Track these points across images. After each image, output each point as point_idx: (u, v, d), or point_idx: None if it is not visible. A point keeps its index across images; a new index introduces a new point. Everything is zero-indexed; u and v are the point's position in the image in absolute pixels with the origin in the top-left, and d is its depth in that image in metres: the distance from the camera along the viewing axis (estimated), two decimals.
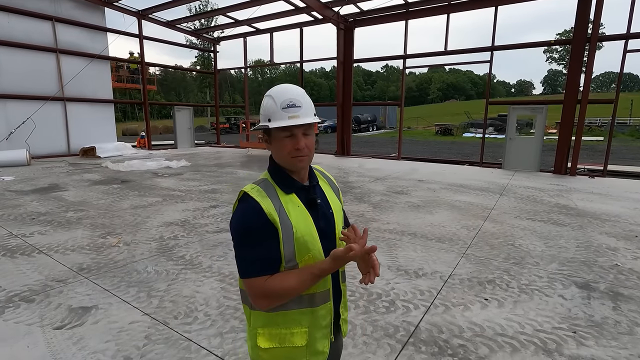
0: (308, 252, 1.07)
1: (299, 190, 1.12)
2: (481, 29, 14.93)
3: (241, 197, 1.07)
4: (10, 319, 2.58)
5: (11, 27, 11.21)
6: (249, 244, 1.02)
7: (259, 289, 1.02)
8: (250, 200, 1.04)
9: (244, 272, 1.04)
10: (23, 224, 4.79)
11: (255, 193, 1.05)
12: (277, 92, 1.08)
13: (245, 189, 1.07)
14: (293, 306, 1.08)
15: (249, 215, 1.02)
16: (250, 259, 1.02)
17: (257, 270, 1.02)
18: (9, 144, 11.08)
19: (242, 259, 1.04)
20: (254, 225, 1.01)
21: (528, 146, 10.07)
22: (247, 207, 1.04)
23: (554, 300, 2.90)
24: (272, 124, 1.05)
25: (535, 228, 4.82)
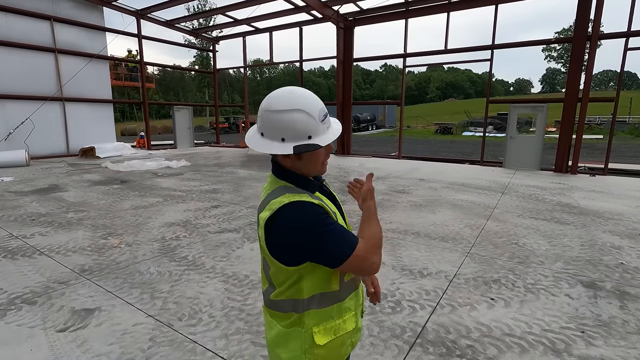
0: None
1: (317, 188, 1.11)
2: (479, 28, 14.89)
3: (282, 209, 0.96)
4: (13, 322, 2.55)
5: (9, 26, 11.15)
6: (330, 225, 0.96)
7: (369, 247, 0.99)
8: (298, 203, 0.96)
9: (349, 247, 0.96)
10: (23, 225, 4.76)
11: (296, 197, 0.98)
12: (306, 104, 0.96)
13: (280, 202, 0.97)
14: (345, 295, 1.10)
15: (311, 210, 0.96)
16: (343, 233, 0.97)
17: (354, 243, 0.97)
18: (7, 144, 11.03)
19: (336, 242, 0.95)
20: (320, 211, 0.96)
21: (529, 145, 10.06)
22: (301, 205, 0.96)
23: (560, 300, 2.88)
24: (318, 140, 0.98)
25: (539, 227, 4.81)
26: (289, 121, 0.95)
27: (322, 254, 0.96)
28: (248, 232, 4.55)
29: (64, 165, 10.46)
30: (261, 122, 0.99)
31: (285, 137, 0.96)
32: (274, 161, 1.08)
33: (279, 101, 0.96)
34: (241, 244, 4.14)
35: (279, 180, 1.07)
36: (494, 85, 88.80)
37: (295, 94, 0.97)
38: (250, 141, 1.03)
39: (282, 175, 1.07)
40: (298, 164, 1.03)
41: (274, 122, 0.96)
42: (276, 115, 0.95)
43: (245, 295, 2.94)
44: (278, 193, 1.01)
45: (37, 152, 11.68)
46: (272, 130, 0.97)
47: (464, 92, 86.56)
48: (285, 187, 1.04)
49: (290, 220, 0.96)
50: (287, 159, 1.02)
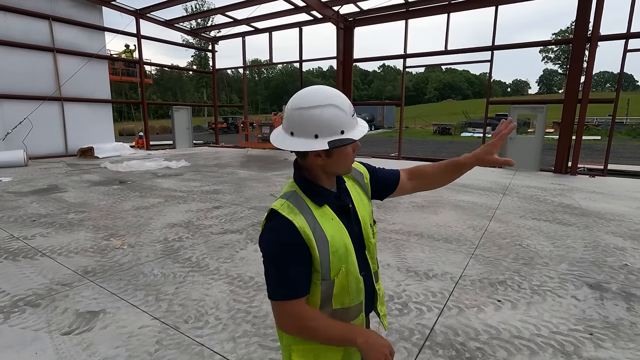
0: (341, 265, 1.02)
1: (331, 199, 1.06)
2: (477, 29, 14.92)
3: (270, 215, 1.00)
4: (17, 325, 2.52)
5: (7, 26, 11.08)
6: (281, 265, 0.95)
7: (287, 313, 0.98)
8: (282, 219, 0.96)
9: (272, 294, 0.98)
10: (24, 226, 4.72)
11: (286, 210, 0.98)
12: (337, 99, 0.96)
13: (274, 206, 0.99)
14: None
15: (282, 234, 0.96)
16: (281, 281, 0.96)
17: (286, 293, 0.96)
18: (5, 144, 10.96)
19: (272, 280, 0.98)
20: (287, 245, 0.95)
21: (528, 146, 10.09)
22: (279, 225, 0.96)
23: (567, 302, 2.88)
24: (351, 134, 0.96)
25: (542, 228, 4.81)
26: (322, 116, 0.93)
27: (266, 279, 1.00)
28: (251, 233, 4.53)
29: (63, 166, 10.39)
30: (291, 121, 0.97)
31: (319, 133, 0.94)
32: (296, 163, 1.06)
33: (311, 98, 0.95)
34: (245, 245, 4.12)
35: (294, 184, 1.06)
36: (491, 86, 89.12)
37: (326, 90, 0.97)
38: (280, 142, 0.99)
39: (298, 181, 1.06)
40: (329, 162, 1.00)
41: (306, 119, 0.94)
42: (309, 112, 0.94)
43: (251, 297, 2.92)
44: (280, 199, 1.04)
45: (36, 152, 11.61)
46: (304, 127, 0.95)
47: (462, 92, 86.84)
48: (294, 192, 1.03)
49: (266, 231, 1.00)
50: (318, 157, 0.98)
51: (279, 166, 10.64)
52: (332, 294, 1.02)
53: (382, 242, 4.24)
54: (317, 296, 1.01)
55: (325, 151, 0.97)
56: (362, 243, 1.14)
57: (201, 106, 43.19)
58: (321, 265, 0.97)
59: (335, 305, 1.04)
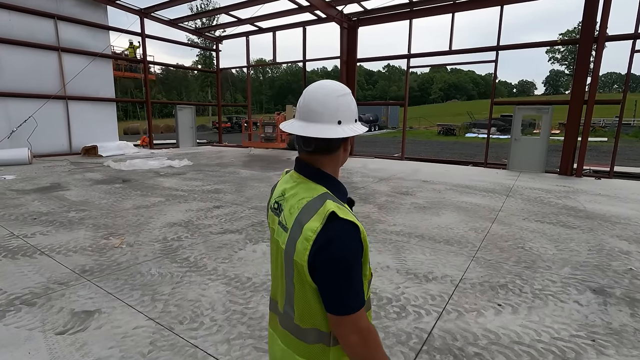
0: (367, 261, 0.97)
1: (346, 195, 1.05)
2: (482, 28, 14.81)
3: (330, 219, 0.88)
4: (11, 324, 2.50)
5: (13, 25, 11.15)
6: (355, 276, 0.88)
7: (363, 323, 0.89)
8: (345, 223, 0.88)
9: (354, 306, 0.87)
10: (25, 224, 4.73)
11: (342, 212, 0.89)
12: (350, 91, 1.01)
13: (331, 207, 0.88)
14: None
15: (352, 240, 0.88)
16: (358, 290, 0.89)
17: (360, 303, 0.89)
18: (10, 142, 11.03)
19: (351, 291, 0.87)
20: (357, 252, 0.89)
21: (533, 147, 9.98)
22: (346, 229, 0.88)
23: (569, 307, 2.82)
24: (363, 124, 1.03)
25: (545, 230, 4.74)
26: (354, 102, 1.00)
27: (333, 291, 0.88)
28: (250, 233, 4.50)
29: (67, 164, 10.44)
30: (338, 110, 0.95)
31: (356, 117, 1.01)
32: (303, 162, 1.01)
33: (340, 86, 0.98)
34: (244, 245, 4.09)
35: (318, 185, 0.97)
36: (497, 87, 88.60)
37: (331, 81, 1.00)
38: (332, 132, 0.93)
39: (322, 179, 0.98)
40: (347, 152, 1.04)
41: (350, 105, 0.98)
42: (348, 98, 0.98)
43: (247, 299, 2.89)
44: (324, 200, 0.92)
45: (40, 151, 11.68)
46: (350, 113, 0.98)
47: (467, 93, 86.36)
48: (327, 193, 0.95)
49: (338, 239, 0.87)
50: (344, 151, 1.02)
51: (281, 166, 10.62)
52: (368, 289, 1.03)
53: (382, 243, 4.20)
54: (367, 296, 0.99)
55: (349, 140, 1.02)
56: None
57: (205, 105, 43.32)
58: (368, 266, 0.97)
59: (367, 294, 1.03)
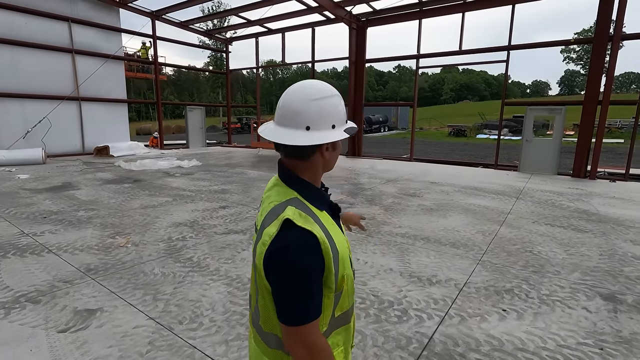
0: (344, 273, 0.95)
1: (327, 202, 1.01)
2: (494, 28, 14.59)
3: (285, 226, 0.86)
4: (16, 321, 2.55)
5: (29, 28, 11.43)
6: (306, 286, 0.84)
7: (311, 338, 0.85)
8: (301, 231, 0.85)
9: (298, 319, 0.84)
10: (35, 223, 4.82)
11: (301, 220, 0.86)
12: (337, 91, 0.96)
13: (288, 216, 0.86)
14: (332, 330, 0.98)
15: (305, 250, 0.84)
16: (307, 303, 0.85)
17: (313, 316, 0.86)
18: (26, 142, 11.30)
19: (297, 303, 0.84)
20: (310, 263, 0.84)
21: (545, 148, 9.77)
22: (300, 239, 0.84)
23: (577, 313, 2.73)
24: (351, 123, 0.97)
25: (555, 234, 4.62)
26: (338, 106, 0.94)
27: (280, 300, 0.86)
28: (254, 234, 4.50)
29: (79, 164, 10.65)
30: (306, 115, 0.89)
31: (336, 122, 0.93)
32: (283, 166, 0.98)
33: (321, 88, 0.92)
34: (247, 245, 4.09)
35: (289, 189, 0.94)
36: (510, 87, 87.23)
37: (321, 82, 0.96)
38: (296, 139, 0.89)
39: (295, 184, 0.95)
40: (332, 156, 0.97)
41: (326, 109, 0.91)
42: (326, 101, 0.91)
43: (247, 300, 2.88)
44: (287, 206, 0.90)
45: (54, 151, 11.94)
46: (324, 118, 0.90)
47: (479, 93, 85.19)
48: (296, 199, 0.92)
49: (286, 247, 0.85)
50: (327, 152, 0.94)
51: None
52: (338, 303, 0.97)
53: (386, 245, 4.15)
54: (329, 310, 0.94)
55: (332, 145, 0.95)
56: None
57: (215, 106, 43.75)
58: (334, 279, 0.90)
59: (337, 313, 0.99)
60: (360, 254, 3.87)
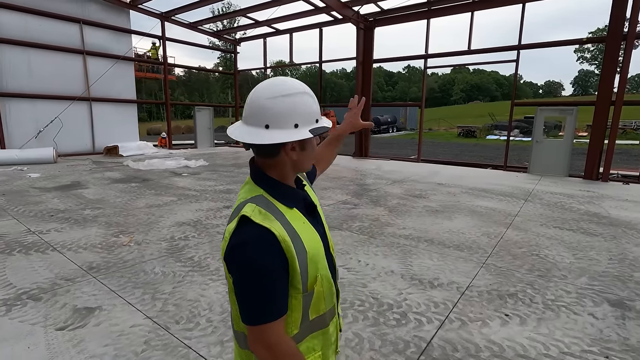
0: (317, 273, 0.93)
1: (299, 200, 0.98)
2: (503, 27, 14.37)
3: (241, 224, 0.85)
4: (16, 318, 2.57)
5: (42, 30, 11.66)
6: (262, 284, 0.82)
7: (271, 338, 0.83)
8: (257, 228, 0.83)
9: (255, 318, 0.83)
10: (42, 221, 4.90)
11: (260, 217, 0.85)
12: (307, 87, 0.92)
13: (246, 213, 0.85)
14: (305, 334, 0.95)
15: (260, 248, 0.82)
16: (264, 302, 0.83)
17: (274, 316, 0.83)
18: (38, 142, 11.53)
19: (253, 302, 0.83)
20: (267, 261, 0.82)
21: (556, 149, 9.57)
22: (256, 236, 0.83)
23: (583, 319, 2.65)
24: (324, 122, 0.93)
25: (563, 237, 4.51)
26: (303, 104, 0.89)
27: (238, 297, 0.86)
28: None
29: (89, 163, 10.81)
30: (265, 113, 0.87)
31: (300, 122, 0.89)
32: (254, 164, 0.97)
33: (286, 85, 0.89)
34: None
35: (257, 187, 0.94)
36: (521, 88, 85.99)
37: (292, 79, 0.93)
38: (255, 138, 0.87)
39: (263, 182, 0.94)
40: (302, 156, 0.93)
41: (287, 107, 0.87)
42: (288, 99, 0.87)
43: None
44: (247, 203, 0.90)
45: (65, 150, 12.14)
46: (284, 117, 0.87)
47: (490, 94, 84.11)
48: (261, 196, 0.91)
49: (240, 245, 0.84)
50: (293, 151, 0.91)
51: None
52: (310, 305, 0.94)
53: (388, 247, 4.10)
54: (299, 312, 0.91)
55: (299, 144, 0.92)
56: (326, 241, 1.06)
57: (224, 107, 44.07)
58: (301, 278, 0.88)
59: (312, 315, 0.95)
60: (362, 256, 3.83)
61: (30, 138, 11.48)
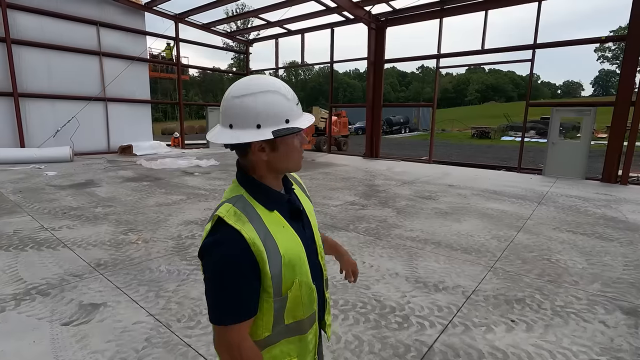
0: (295, 278, 0.92)
1: (282, 204, 0.96)
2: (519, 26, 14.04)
3: (215, 224, 0.85)
4: (24, 312, 2.64)
5: (61, 33, 11.98)
6: (228, 286, 0.82)
7: (232, 340, 0.84)
8: (229, 229, 0.83)
9: (217, 318, 0.84)
10: (55, 218, 5.02)
11: (233, 218, 0.84)
12: (280, 86, 0.88)
13: (220, 214, 0.85)
14: (279, 338, 0.94)
15: (229, 249, 0.82)
16: (228, 304, 0.83)
17: (236, 318, 0.83)
18: (55, 141, 11.85)
19: (217, 302, 0.84)
20: (234, 263, 0.82)
21: (573, 151, 9.31)
22: (225, 238, 0.83)
23: (593, 327, 2.56)
24: (297, 123, 0.88)
25: (577, 242, 4.37)
26: (265, 103, 0.85)
27: (206, 295, 0.86)
28: None
29: (103, 162, 11.05)
30: (229, 112, 0.87)
31: (262, 122, 0.85)
32: (238, 164, 0.97)
33: (250, 84, 0.87)
34: None
35: (239, 187, 0.94)
36: (539, 88, 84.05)
37: (267, 78, 0.90)
38: (217, 137, 0.88)
39: (244, 182, 0.93)
40: (275, 157, 0.90)
41: (247, 107, 0.85)
42: (250, 99, 0.85)
43: None
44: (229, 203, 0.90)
45: (81, 149, 12.45)
46: (245, 117, 0.85)
47: (506, 94, 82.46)
48: (241, 197, 0.91)
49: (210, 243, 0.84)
50: (262, 152, 0.89)
51: (305, 167, 10.62)
52: (285, 310, 0.92)
53: (394, 249, 4.05)
54: (270, 315, 0.90)
55: (269, 144, 0.88)
56: (314, 247, 1.05)
57: None
58: (272, 282, 0.87)
59: (288, 320, 0.94)
60: (367, 257, 3.79)
61: (49, 137, 11.81)
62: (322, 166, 10.87)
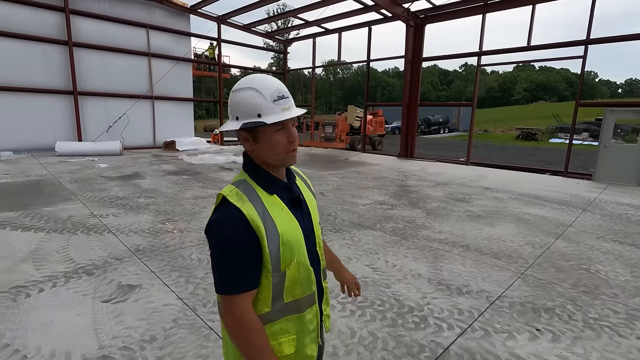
0: (292, 258, 1.00)
1: (281, 189, 1.05)
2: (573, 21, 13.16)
3: (220, 202, 0.97)
4: (72, 288, 2.93)
5: (115, 35, 12.94)
6: (230, 258, 0.92)
7: (235, 309, 0.94)
8: (230, 207, 0.94)
9: (222, 289, 0.94)
10: (103, 206, 5.47)
11: (235, 197, 0.95)
12: (260, 83, 0.97)
13: (224, 192, 0.97)
14: (279, 315, 1.02)
15: (230, 225, 0.92)
16: (230, 275, 0.92)
17: (238, 288, 0.93)
18: (108, 136, 12.84)
19: (221, 274, 0.93)
20: (235, 237, 0.92)
21: (628, 155, 8.58)
22: (227, 215, 0.93)
23: (629, 343, 2.39)
24: (267, 118, 0.95)
25: (622, 252, 4.06)
26: (242, 99, 0.97)
27: (213, 271, 0.96)
28: None
29: (149, 156, 11.80)
30: (228, 105, 1.02)
31: (239, 115, 0.98)
32: (245, 153, 1.08)
33: (242, 82, 1.00)
34: None
35: (244, 172, 1.06)
36: (596, 86, 77.84)
37: (257, 76, 1.01)
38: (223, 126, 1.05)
39: (247, 167, 1.06)
40: (257, 148, 1.01)
41: (232, 101, 0.99)
42: (233, 94, 0.99)
43: None
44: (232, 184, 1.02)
45: (130, 144, 13.38)
46: (231, 110, 1.01)
47: (558, 94, 77.09)
48: (244, 180, 1.02)
49: (214, 220, 0.96)
50: (246, 142, 1.01)
51: (337, 166, 10.67)
52: (284, 287, 1.01)
53: (419, 250, 4.00)
54: (269, 290, 0.99)
55: (251, 135, 0.99)
56: (312, 237, 1.12)
57: None
58: (271, 258, 0.96)
59: (287, 298, 1.02)
60: (390, 257, 3.78)
61: (102, 132, 12.81)
62: (354, 165, 10.86)
